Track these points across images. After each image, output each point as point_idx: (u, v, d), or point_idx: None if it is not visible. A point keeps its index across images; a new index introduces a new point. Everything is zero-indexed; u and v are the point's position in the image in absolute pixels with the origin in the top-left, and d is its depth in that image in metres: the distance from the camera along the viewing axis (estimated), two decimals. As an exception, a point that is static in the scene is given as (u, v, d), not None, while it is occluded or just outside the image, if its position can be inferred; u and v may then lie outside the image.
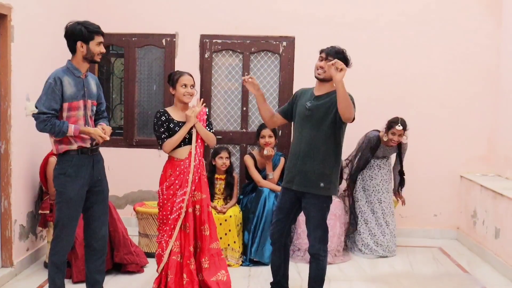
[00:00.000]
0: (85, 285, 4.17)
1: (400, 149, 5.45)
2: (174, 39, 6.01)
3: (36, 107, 3.48)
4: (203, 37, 6.01)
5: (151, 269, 4.64)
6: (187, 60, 5.97)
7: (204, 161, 4.21)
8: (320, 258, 3.87)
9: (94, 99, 3.69)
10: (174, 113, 4.11)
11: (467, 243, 5.73)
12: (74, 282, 4.35)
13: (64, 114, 3.51)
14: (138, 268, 4.66)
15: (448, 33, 5.92)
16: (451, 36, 5.92)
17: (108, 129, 3.65)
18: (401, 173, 5.53)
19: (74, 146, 3.54)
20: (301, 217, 5.12)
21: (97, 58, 3.61)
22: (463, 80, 5.95)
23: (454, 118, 5.97)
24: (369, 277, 4.79)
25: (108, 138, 3.61)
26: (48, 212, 4.61)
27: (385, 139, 5.29)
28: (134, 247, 4.77)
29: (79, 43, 3.51)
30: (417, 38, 5.93)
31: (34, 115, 3.48)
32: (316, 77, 3.82)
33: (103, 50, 3.61)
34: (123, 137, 6.14)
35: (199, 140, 4.12)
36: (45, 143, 4.74)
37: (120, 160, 6.06)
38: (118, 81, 6.40)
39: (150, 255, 4.89)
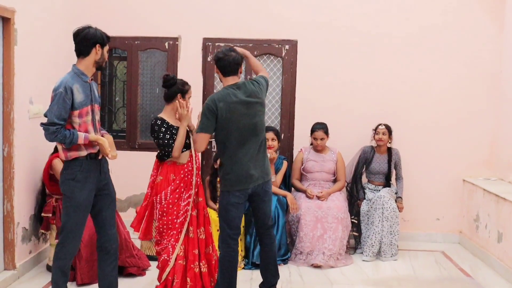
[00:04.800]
0: (89, 287, 4.20)
1: (390, 156, 5.61)
2: (176, 42, 6.02)
3: (46, 116, 3.48)
4: (205, 40, 6.02)
5: (153, 272, 4.64)
6: (189, 63, 5.98)
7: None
8: (220, 254, 3.99)
9: (98, 103, 3.72)
10: (171, 119, 4.13)
11: (470, 247, 5.72)
12: (78, 285, 4.36)
13: (77, 121, 3.52)
14: (140, 271, 4.67)
15: (450, 39, 5.90)
16: (454, 41, 5.91)
17: (113, 146, 3.68)
18: (394, 179, 5.72)
19: (84, 153, 3.56)
20: (303, 220, 5.17)
21: (104, 65, 3.70)
22: (466, 85, 5.94)
23: (456, 122, 5.96)
24: (371, 281, 4.78)
25: (111, 156, 3.63)
26: (50, 215, 4.62)
27: (374, 144, 5.64)
28: (136, 250, 4.78)
29: (97, 46, 3.56)
30: (420, 44, 5.91)
31: (43, 126, 3.46)
32: None
33: (107, 58, 3.71)
34: (125, 140, 6.14)
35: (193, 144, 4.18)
36: (48, 146, 4.75)
37: (123, 163, 6.02)
38: (121, 84, 6.41)
39: (152, 258, 4.90)
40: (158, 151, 4.19)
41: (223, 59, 3.85)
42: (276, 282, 4.22)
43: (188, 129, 4.14)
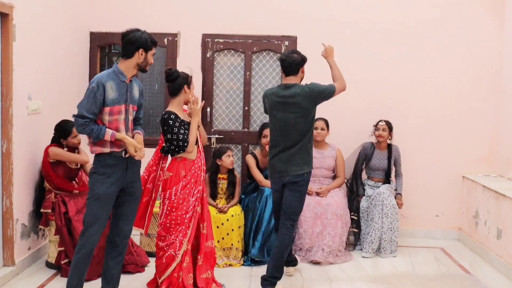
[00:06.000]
0: (88, 283, 4.19)
1: (390, 152, 5.61)
2: (176, 39, 6.00)
3: (77, 108, 3.55)
4: (205, 36, 6.00)
5: (152, 268, 4.63)
6: (189, 59, 5.96)
7: None
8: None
9: (135, 104, 3.76)
10: (180, 114, 4.14)
11: (469, 244, 5.72)
12: (85, 280, 4.35)
13: (106, 118, 3.58)
14: (138, 269, 4.66)
15: (451, 35, 5.90)
16: (454, 38, 5.90)
17: (141, 148, 3.68)
18: (394, 175, 5.71)
19: (107, 150, 3.61)
20: (302, 217, 5.17)
21: (148, 68, 3.74)
22: (466, 81, 5.93)
23: (456, 119, 5.96)
24: (370, 277, 4.78)
25: (137, 157, 3.65)
26: (49, 211, 4.61)
27: (374, 140, 5.65)
28: (135, 247, 4.77)
29: (140, 50, 3.62)
30: (419, 39, 5.91)
31: (74, 117, 3.57)
32: None
33: (153, 61, 3.75)
34: (125, 137, 6.12)
35: (200, 139, 4.23)
36: (47, 142, 4.75)
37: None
38: (120, 80, 6.38)
39: (151, 254, 4.89)
40: (163, 146, 4.18)
41: (285, 60, 4.28)
42: (276, 276, 4.25)
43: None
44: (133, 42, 3.60)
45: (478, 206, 5.58)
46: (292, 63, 4.24)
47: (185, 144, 4.04)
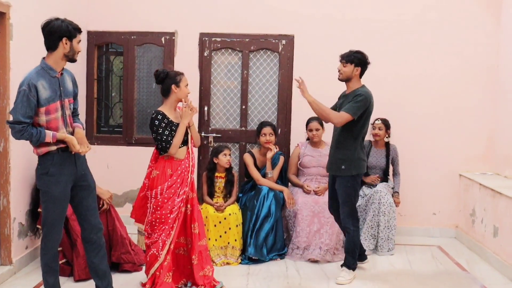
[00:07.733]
0: (86, 283, 4.19)
1: (388, 151, 5.62)
2: (173, 37, 6.00)
3: (11, 114, 3.39)
4: (202, 35, 6.00)
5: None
6: (186, 58, 5.97)
7: None
8: (349, 231, 4.50)
9: (71, 96, 3.62)
10: (171, 114, 4.12)
11: (466, 242, 5.73)
12: (76, 281, 4.35)
13: (43, 118, 3.43)
14: (136, 268, 4.65)
15: (447, 32, 5.91)
16: (450, 36, 5.92)
17: (83, 141, 3.57)
18: (391, 174, 5.73)
19: (54, 148, 3.49)
20: (299, 215, 5.17)
21: (76, 57, 3.58)
22: (463, 79, 5.95)
23: (453, 117, 5.97)
24: (368, 275, 4.79)
25: (82, 152, 3.55)
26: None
27: (372, 139, 5.66)
28: (133, 245, 4.77)
29: (64, 40, 3.44)
30: (416, 37, 5.93)
31: (9, 124, 3.40)
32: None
33: (81, 48, 3.59)
34: (122, 136, 6.13)
35: (192, 140, 4.21)
36: (44, 141, 4.75)
37: (119, 158, 6.07)
38: (117, 79, 6.39)
39: (149, 253, 4.90)
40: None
41: (367, 65, 4.55)
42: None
43: (187, 126, 4.14)
44: (53, 32, 3.40)
45: (475, 204, 5.59)
46: None
47: (167, 146, 4.03)
